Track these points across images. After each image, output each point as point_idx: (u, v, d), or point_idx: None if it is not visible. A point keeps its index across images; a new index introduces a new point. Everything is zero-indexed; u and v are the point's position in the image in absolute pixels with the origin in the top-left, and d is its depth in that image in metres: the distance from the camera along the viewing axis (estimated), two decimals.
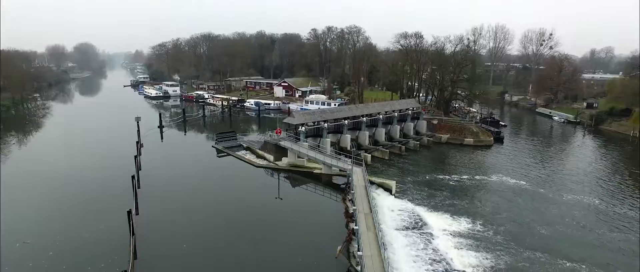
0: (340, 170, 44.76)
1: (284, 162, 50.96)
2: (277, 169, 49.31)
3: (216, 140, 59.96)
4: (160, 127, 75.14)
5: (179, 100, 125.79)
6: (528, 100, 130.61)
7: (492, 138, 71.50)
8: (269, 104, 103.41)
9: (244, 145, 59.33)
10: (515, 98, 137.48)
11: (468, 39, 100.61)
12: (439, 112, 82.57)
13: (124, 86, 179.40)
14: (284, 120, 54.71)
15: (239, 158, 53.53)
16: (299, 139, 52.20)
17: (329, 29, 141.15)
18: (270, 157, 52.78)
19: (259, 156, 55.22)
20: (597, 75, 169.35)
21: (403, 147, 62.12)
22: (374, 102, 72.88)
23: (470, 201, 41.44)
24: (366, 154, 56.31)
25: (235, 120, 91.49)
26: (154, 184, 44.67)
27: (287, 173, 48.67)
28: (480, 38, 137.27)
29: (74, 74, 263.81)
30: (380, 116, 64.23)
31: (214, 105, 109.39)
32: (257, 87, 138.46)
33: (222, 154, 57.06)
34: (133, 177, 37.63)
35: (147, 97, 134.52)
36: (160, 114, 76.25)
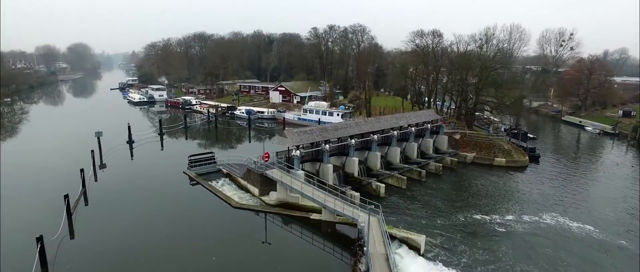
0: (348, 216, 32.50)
1: (272, 198, 38.84)
2: (262, 211, 37.02)
3: (189, 164, 47.59)
4: (130, 142, 63.05)
5: (165, 105, 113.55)
6: (551, 106, 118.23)
7: (526, 157, 59.36)
8: (262, 112, 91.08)
9: (224, 170, 47.06)
10: (535, 104, 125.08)
11: (480, 39, 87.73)
12: (461, 124, 70.41)
13: (111, 89, 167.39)
14: (274, 142, 42.49)
15: (213, 192, 41.16)
16: (292, 167, 40.05)
17: (331, 27, 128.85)
18: (255, 190, 40.65)
19: (241, 187, 43.10)
20: (618, 79, 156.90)
21: (423, 171, 49.96)
22: (385, 115, 60.64)
23: (537, 264, 29.17)
24: (378, 183, 44.35)
25: (222, 132, 79.33)
26: (91, 232, 32.66)
27: (276, 215, 36.48)
28: (493, 38, 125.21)
29: (64, 75, 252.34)
30: (395, 132, 52.07)
31: (200, 112, 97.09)
32: (252, 91, 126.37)
33: (196, 183, 44.92)
34: (38, 239, 25.25)
35: (130, 102, 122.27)
36: (129, 127, 63.96)
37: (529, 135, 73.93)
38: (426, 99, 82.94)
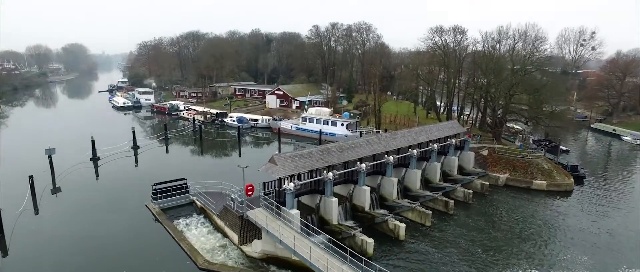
0: None
1: (255, 248, 28.59)
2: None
3: (152, 194, 37.09)
4: (94, 159, 52.84)
5: (151, 111, 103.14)
6: (574, 112, 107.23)
7: (571, 179, 48.95)
8: (256, 120, 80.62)
9: (198, 203, 36.65)
10: (557, 109, 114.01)
11: (492, 38, 76.80)
12: (487, 136, 60.04)
13: (99, 92, 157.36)
14: (261, 169, 32.06)
15: (176, 240, 30.72)
16: (283, 206, 29.73)
17: (334, 25, 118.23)
18: (234, 236, 30.37)
19: (217, 228, 32.81)
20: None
21: (451, 202, 39.66)
22: (402, 130, 50.14)
23: None
24: (396, 221, 34.02)
25: (208, 143, 68.87)
26: None
27: None
28: (507, 38, 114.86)
29: (56, 76, 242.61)
30: (414, 151, 41.66)
31: (186, 120, 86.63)
32: (247, 94, 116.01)
33: (159, 221, 34.57)
34: None
35: (114, 106, 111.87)
36: (93, 141, 53.66)
37: (562, 148, 63.58)
38: (445, 104, 72.40)
